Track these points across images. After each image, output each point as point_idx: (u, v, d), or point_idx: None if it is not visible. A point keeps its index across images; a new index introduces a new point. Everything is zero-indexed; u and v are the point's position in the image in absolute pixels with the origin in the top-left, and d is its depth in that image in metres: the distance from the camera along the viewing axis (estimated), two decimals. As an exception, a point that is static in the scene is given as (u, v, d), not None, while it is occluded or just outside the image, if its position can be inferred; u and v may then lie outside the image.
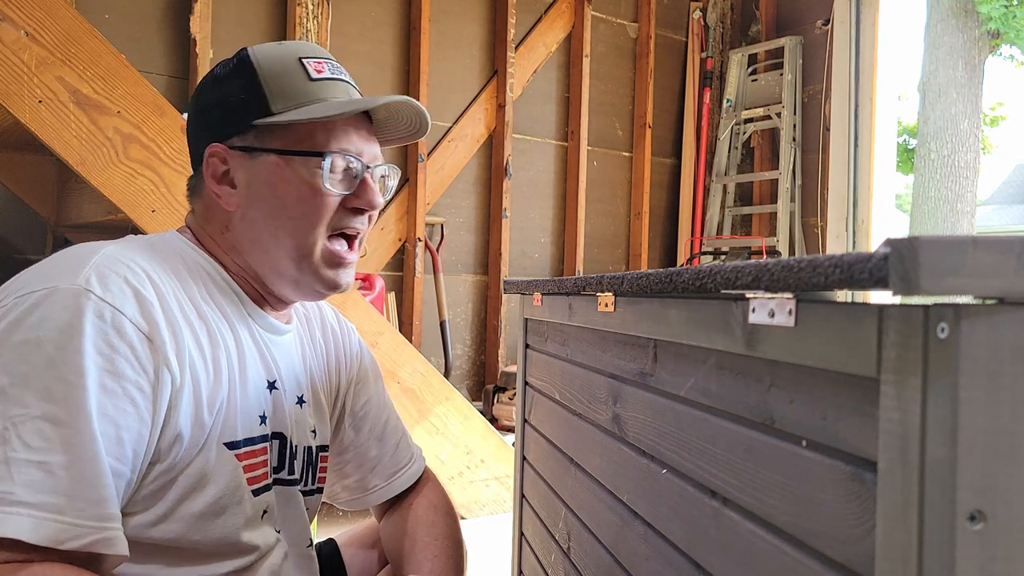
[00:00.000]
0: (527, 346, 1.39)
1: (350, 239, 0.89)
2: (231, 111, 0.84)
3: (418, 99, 3.17)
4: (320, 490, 0.97)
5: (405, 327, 3.19)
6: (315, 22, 2.90)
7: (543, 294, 1.24)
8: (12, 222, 2.67)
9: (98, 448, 0.65)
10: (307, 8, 2.87)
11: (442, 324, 3.27)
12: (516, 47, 3.48)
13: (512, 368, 3.30)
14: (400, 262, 3.25)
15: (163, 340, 0.72)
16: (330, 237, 0.86)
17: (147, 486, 0.72)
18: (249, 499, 0.80)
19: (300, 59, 0.85)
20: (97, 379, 0.66)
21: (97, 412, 0.66)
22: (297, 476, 0.90)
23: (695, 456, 0.67)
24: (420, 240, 3.21)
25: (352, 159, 0.85)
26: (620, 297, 0.86)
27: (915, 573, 0.38)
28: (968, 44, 7.45)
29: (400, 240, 3.23)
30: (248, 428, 0.81)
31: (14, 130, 2.11)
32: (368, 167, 0.87)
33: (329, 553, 1.07)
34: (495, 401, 3.27)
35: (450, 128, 3.35)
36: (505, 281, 1.47)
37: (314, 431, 0.95)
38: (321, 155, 0.83)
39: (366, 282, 2.89)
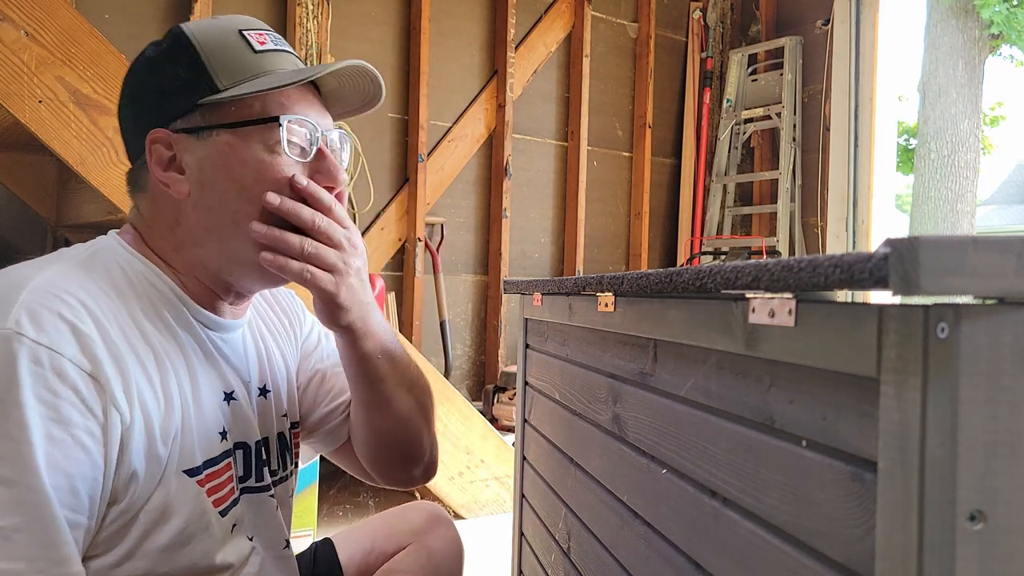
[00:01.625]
0: (527, 346, 1.39)
1: None
2: (172, 93, 0.78)
3: (418, 99, 3.18)
4: (296, 466, 0.96)
5: (405, 327, 3.19)
6: (315, 22, 2.90)
7: (543, 294, 1.24)
8: (12, 222, 2.67)
9: (52, 504, 0.62)
10: (307, 8, 2.87)
11: (442, 324, 3.27)
12: (516, 47, 3.48)
13: (512, 368, 3.30)
14: (400, 262, 3.25)
15: (108, 377, 0.67)
16: None
17: (107, 528, 0.69)
18: (217, 521, 0.77)
19: (240, 32, 0.80)
20: (42, 430, 0.62)
21: (47, 466, 0.62)
22: (267, 482, 0.87)
23: (695, 456, 0.67)
24: (420, 240, 3.21)
25: (308, 123, 0.80)
26: (620, 297, 0.86)
27: (915, 573, 0.38)
28: (968, 44, 7.45)
29: (400, 240, 3.23)
30: (208, 449, 0.77)
31: (14, 130, 2.11)
32: (323, 132, 0.82)
33: (326, 554, 1.07)
34: (495, 401, 3.27)
35: (450, 128, 3.35)
36: (505, 281, 1.47)
37: (285, 414, 0.93)
38: (276, 120, 0.77)
39: (366, 282, 2.88)
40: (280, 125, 0.77)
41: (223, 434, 0.80)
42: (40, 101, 1.85)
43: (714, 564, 0.63)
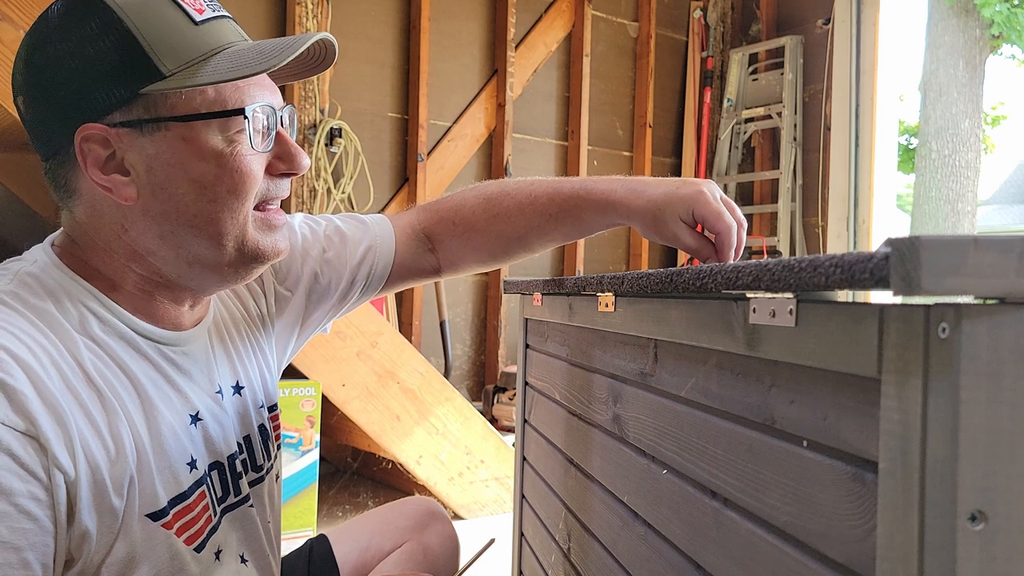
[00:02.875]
0: (527, 346, 1.39)
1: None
2: (103, 80, 0.65)
3: (418, 98, 3.18)
4: (279, 448, 0.93)
5: (405, 327, 3.19)
6: (315, 21, 2.90)
7: (543, 294, 1.24)
8: (12, 222, 2.67)
9: None
10: (307, 7, 2.87)
11: (442, 324, 3.27)
12: (516, 46, 3.48)
13: (512, 368, 3.30)
14: (400, 262, 3.25)
15: (47, 435, 0.59)
16: (257, 208, 0.74)
17: None
18: (192, 560, 0.71)
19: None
20: None
21: None
22: (244, 494, 0.82)
23: (696, 456, 0.67)
24: (420, 240, 3.21)
25: (272, 110, 0.72)
26: (620, 297, 0.86)
27: (916, 573, 0.38)
28: (969, 44, 7.45)
29: (400, 240, 3.23)
30: (174, 486, 0.70)
31: (14, 130, 2.11)
32: (278, 112, 0.73)
33: (321, 551, 1.07)
34: (495, 401, 3.27)
35: (450, 127, 3.35)
36: (505, 281, 1.47)
37: (262, 405, 0.88)
38: (242, 112, 0.68)
39: (366, 282, 2.89)
40: (246, 117, 0.69)
41: (192, 464, 0.73)
42: (40, 101, 1.84)
43: (714, 565, 0.63)
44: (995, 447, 0.37)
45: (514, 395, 3.16)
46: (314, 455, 2.18)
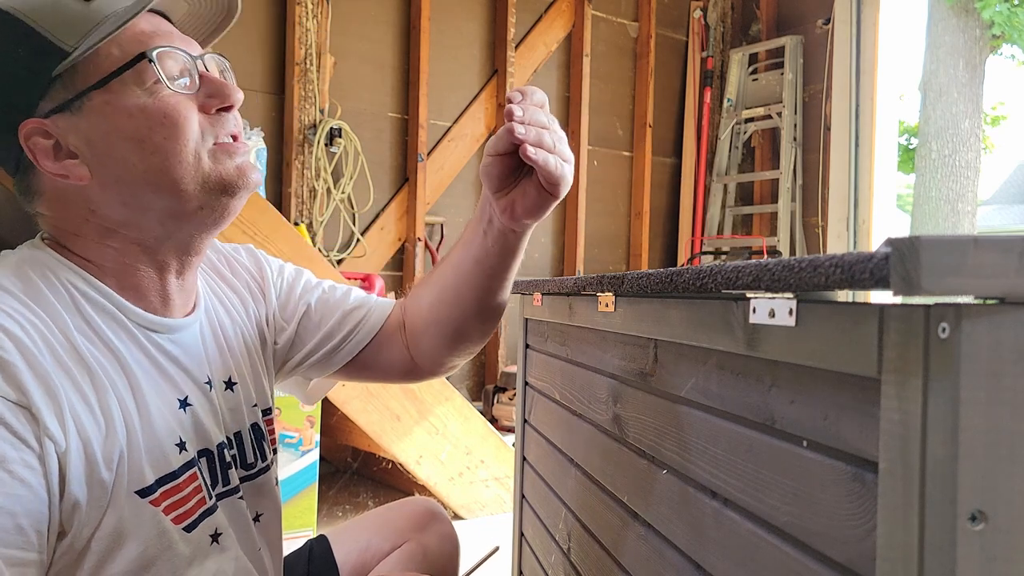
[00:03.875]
0: (527, 346, 1.39)
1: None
2: (20, 76, 0.69)
3: (418, 98, 3.18)
4: (275, 452, 0.93)
5: (405, 327, 3.19)
6: (314, 21, 2.90)
7: (543, 294, 1.24)
8: (12, 222, 2.66)
9: None
10: (306, 7, 2.87)
11: (442, 324, 3.27)
12: (516, 46, 3.48)
13: (512, 368, 3.30)
14: (400, 262, 3.25)
15: (39, 406, 0.61)
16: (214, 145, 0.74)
17: (59, 561, 0.64)
18: (181, 539, 0.72)
19: None
20: None
21: None
22: (234, 484, 0.82)
23: (696, 457, 0.67)
24: (420, 240, 3.21)
25: (179, 53, 0.72)
26: (620, 297, 0.86)
27: (916, 574, 0.38)
28: (969, 43, 7.45)
29: (400, 240, 3.23)
30: (162, 465, 0.72)
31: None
32: (197, 58, 0.74)
33: (321, 551, 1.07)
34: (495, 401, 3.27)
35: (450, 127, 3.35)
36: (505, 281, 1.46)
37: (255, 404, 0.88)
38: (144, 56, 0.69)
39: (366, 282, 2.89)
40: (150, 60, 0.69)
41: (181, 445, 0.74)
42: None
43: (715, 565, 0.63)
44: (995, 447, 0.37)
45: (514, 395, 3.16)
46: (314, 455, 2.18)
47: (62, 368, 0.65)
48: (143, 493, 0.69)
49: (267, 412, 0.91)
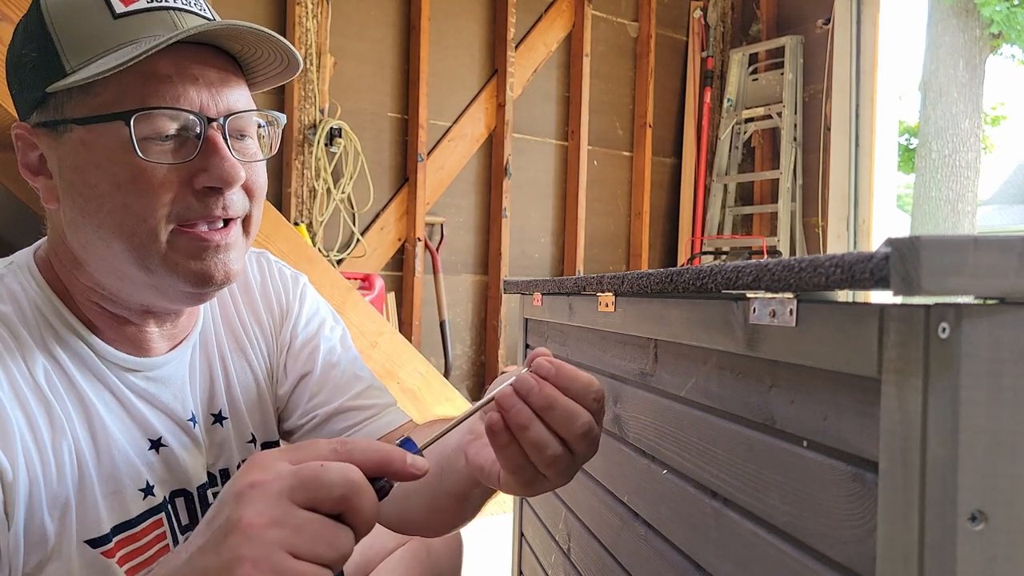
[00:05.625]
0: (527, 346, 1.39)
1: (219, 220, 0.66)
2: (26, 78, 0.64)
3: (418, 98, 3.18)
4: None
5: (405, 327, 3.19)
6: (314, 21, 2.90)
7: (543, 294, 1.24)
8: (12, 222, 2.67)
9: None
10: (306, 8, 2.87)
11: (442, 324, 3.27)
12: (516, 46, 3.48)
13: (512, 368, 3.30)
14: (400, 262, 3.25)
15: None
16: (182, 226, 0.64)
17: None
18: None
19: None
20: None
21: None
22: None
23: (696, 456, 0.67)
24: (420, 240, 3.21)
25: (182, 114, 0.62)
26: (620, 297, 0.86)
27: (916, 574, 0.38)
28: (969, 44, 7.44)
29: (400, 240, 3.23)
30: (119, 512, 0.67)
31: (14, 130, 2.11)
32: (212, 121, 0.63)
33: None
34: (495, 401, 3.26)
35: (450, 127, 3.35)
36: (505, 281, 1.47)
37: (251, 439, 0.81)
38: (121, 116, 0.60)
39: (366, 282, 2.89)
40: (126, 124, 0.60)
41: (147, 490, 0.69)
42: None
43: (715, 565, 0.63)
44: (995, 447, 0.37)
45: (514, 395, 3.15)
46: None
47: (18, 400, 0.61)
48: (96, 543, 0.65)
49: (268, 445, 0.85)
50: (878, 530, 0.41)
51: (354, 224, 3.09)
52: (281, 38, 0.66)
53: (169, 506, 0.73)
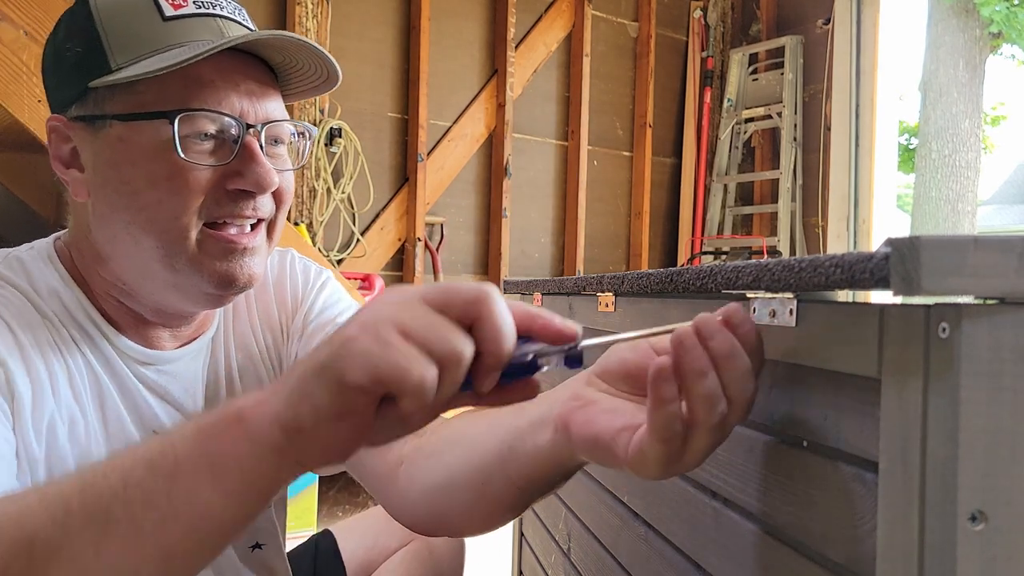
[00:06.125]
0: (527, 346, 1.39)
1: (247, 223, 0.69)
2: (67, 71, 0.66)
3: (418, 98, 3.18)
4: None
5: (405, 327, 3.19)
6: (314, 21, 2.90)
7: (543, 294, 1.24)
8: (12, 222, 2.66)
9: None
10: (306, 7, 2.87)
11: (442, 324, 3.27)
12: (516, 46, 3.48)
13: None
14: (400, 262, 3.24)
15: (5, 356, 0.60)
16: (209, 226, 0.67)
17: None
18: None
19: None
20: None
21: None
22: None
23: (695, 456, 0.67)
24: (420, 240, 3.21)
25: (223, 118, 0.64)
26: (620, 297, 0.86)
27: (916, 574, 0.38)
28: (969, 44, 7.45)
29: (400, 240, 3.22)
30: None
31: (14, 130, 2.11)
32: (251, 127, 0.66)
33: (327, 546, 1.06)
34: (495, 401, 3.26)
35: (450, 127, 3.35)
36: (505, 281, 1.46)
37: None
38: (166, 116, 0.63)
39: (366, 282, 2.89)
40: (172, 119, 0.63)
41: None
42: (40, 101, 1.85)
43: (715, 565, 0.63)
44: (995, 447, 0.37)
45: (514, 395, 3.15)
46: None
47: (44, 361, 0.63)
48: None
49: None
50: (878, 530, 0.41)
51: (354, 224, 3.09)
52: (325, 52, 0.68)
53: None
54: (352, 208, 3.09)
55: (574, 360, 0.46)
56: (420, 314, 0.41)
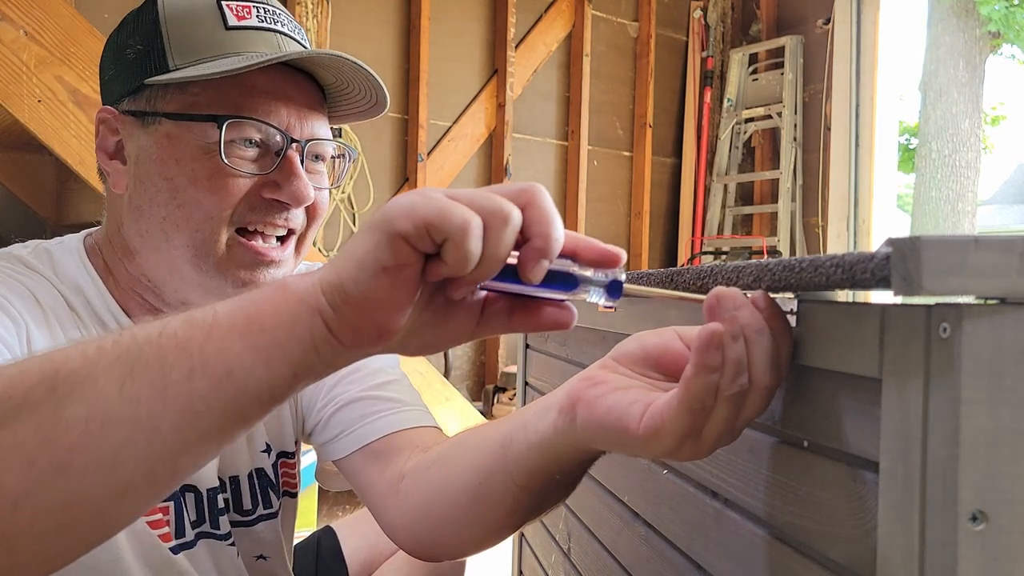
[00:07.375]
0: (527, 346, 1.39)
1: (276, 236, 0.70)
2: (125, 67, 0.68)
3: (418, 98, 3.18)
4: (291, 495, 0.86)
5: (405, 327, 3.19)
6: (315, 21, 2.90)
7: (543, 294, 1.24)
8: (12, 222, 2.66)
9: None
10: (307, 7, 2.87)
11: (442, 324, 3.27)
12: (516, 46, 3.48)
13: (512, 368, 3.30)
14: (400, 262, 3.25)
15: (25, 312, 0.63)
16: (240, 232, 0.69)
17: None
18: (139, 569, 0.68)
19: (220, 1, 0.68)
20: None
21: None
22: (225, 531, 0.77)
23: (695, 456, 0.67)
24: (420, 240, 3.21)
25: (270, 128, 0.67)
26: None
27: (916, 574, 0.38)
28: (969, 44, 7.45)
29: (400, 240, 3.23)
30: None
31: (14, 130, 2.11)
32: (295, 141, 0.68)
33: (329, 544, 1.06)
34: (495, 401, 3.27)
35: (450, 127, 3.35)
36: (505, 281, 1.46)
37: (266, 448, 0.81)
38: (216, 119, 0.65)
39: (366, 282, 2.88)
40: (221, 124, 0.65)
41: None
42: (39, 101, 1.85)
43: (715, 565, 0.63)
44: (996, 447, 0.37)
45: (514, 395, 3.15)
46: (314, 455, 2.18)
47: (62, 329, 0.66)
48: None
49: (284, 456, 0.84)
50: (878, 530, 0.41)
51: (354, 224, 3.09)
52: (377, 76, 0.70)
53: (180, 497, 0.74)
54: (352, 208, 3.09)
55: (615, 288, 0.47)
56: (467, 189, 0.42)
